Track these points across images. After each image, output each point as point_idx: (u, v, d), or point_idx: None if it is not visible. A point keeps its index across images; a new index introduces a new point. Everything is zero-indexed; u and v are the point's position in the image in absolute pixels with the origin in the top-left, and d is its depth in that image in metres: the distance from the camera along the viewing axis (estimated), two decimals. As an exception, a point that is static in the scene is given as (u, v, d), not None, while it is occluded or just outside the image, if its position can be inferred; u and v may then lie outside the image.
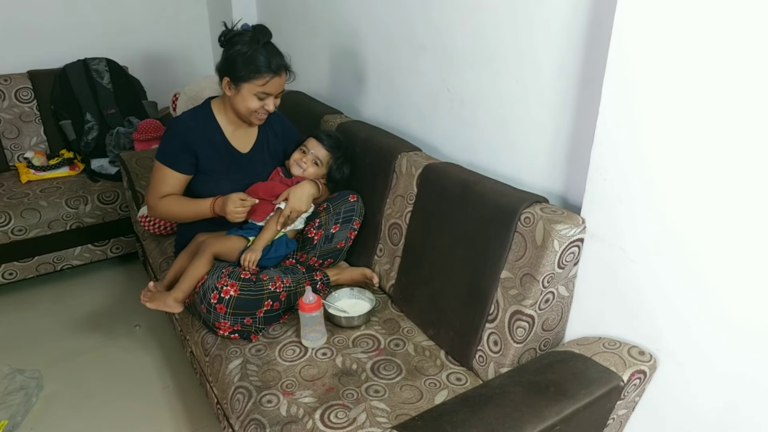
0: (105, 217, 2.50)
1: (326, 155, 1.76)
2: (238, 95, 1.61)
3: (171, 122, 1.71)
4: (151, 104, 2.95)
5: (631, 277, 1.17)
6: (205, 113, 1.71)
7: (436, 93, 1.77)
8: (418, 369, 1.40)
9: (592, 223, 1.23)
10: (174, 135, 1.66)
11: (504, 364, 1.31)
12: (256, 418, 1.27)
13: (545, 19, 1.35)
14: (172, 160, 1.65)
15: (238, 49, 1.56)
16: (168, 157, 1.65)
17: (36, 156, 2.65)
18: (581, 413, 1.04)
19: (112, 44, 2.95)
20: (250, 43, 1.56)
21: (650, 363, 1.13)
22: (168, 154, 1.66)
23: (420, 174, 1.60)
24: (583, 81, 1.30)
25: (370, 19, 2.01)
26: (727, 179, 0.96)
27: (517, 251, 1.30)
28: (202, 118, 1.70)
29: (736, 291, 1.00)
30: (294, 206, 1.64)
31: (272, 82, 1.59)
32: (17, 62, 2.77)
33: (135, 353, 2.12)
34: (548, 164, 1.45)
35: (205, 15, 3.22)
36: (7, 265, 2.35)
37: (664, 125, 1.03)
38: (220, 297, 1.46)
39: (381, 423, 1.22)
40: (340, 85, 2.33)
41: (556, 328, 1.33)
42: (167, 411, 1.86)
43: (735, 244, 0.98)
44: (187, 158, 1.65)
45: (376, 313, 1.63)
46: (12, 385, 1.89)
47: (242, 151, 1.74)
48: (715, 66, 0.93)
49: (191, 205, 1.68)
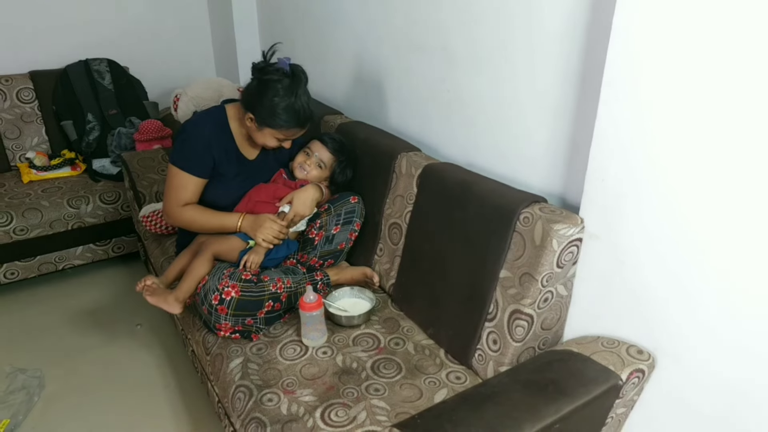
0: (106, 216, 2.51)
1: (330, 158, 1.77)
2: (259, 132, 1.61)
3: (186, 126, 1.66)
4: (153, 105, 2.96)
5: (630, 277, 1.17)
6: (221, 119, 1.68)
7: (436, 93, 1.77)
8: (417, 368, 1.40)
9: (590, 223, 1.23)
10: (192, 138, 1.62)
11: (503, 363, 1.32)
12: (257, 417, 1.28)
13: (544, 19, 1.35)
14: (191, 165, 1.61)
15: (273, 99, 1.52)
16: (187, 161, 1.61)
17: (37, 156, 2.65)
18: (580, 412, 1.04)
19: (114, 45, 2.96)
20: (286, 95, 1.53)
21: (649, 362, 1.14)
22: (187, 158, 1.61)
23: (420, 174, 1.61)
24: (582, 81, 1.30)
25: (369, 20, 2.02)
26: (727, 178, 0.97)
27: (516, 251, 1.31)
28: (218, 123, 1.67)
29: (734, 290, 1.00)
30: (298, 210, 1.65)
31: (295, 132, 1.61)
32: (19, 63, 2.78)
33: (136, 352, 2.13)
34: (547, 164, 1.45)
35: (206, 15, 3.23)
36: (8, 265, 2.36)
37: (663, 125, 1.03)
38: (221, 298, 1.47)
39: (381, 421, 1.23)
40: (340, 85, 2.33)
41: (554, 327, 1.34)
42: (168, 410, 1.87)
43: (734, 243, 0.98)
44: (206, 162, 1.62)
45: (376, 312, 1.63)
46: (14, 384, 1.90)
47: (249, 157, 1.74)
48: (715, 66, 0.94)
49: (216, 218, 1.65)
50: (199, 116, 1.71)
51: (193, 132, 1.63)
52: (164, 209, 1.68)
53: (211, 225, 1.66)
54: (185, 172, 1.61)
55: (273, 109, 1.54)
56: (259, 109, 1.55)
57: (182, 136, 1.64)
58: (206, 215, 1.65)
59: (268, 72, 1.54)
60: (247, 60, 2.97)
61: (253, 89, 1.56)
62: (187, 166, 1.61)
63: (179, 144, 1.64)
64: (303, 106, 1.56)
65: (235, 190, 1.69)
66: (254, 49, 2.96)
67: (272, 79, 1.53)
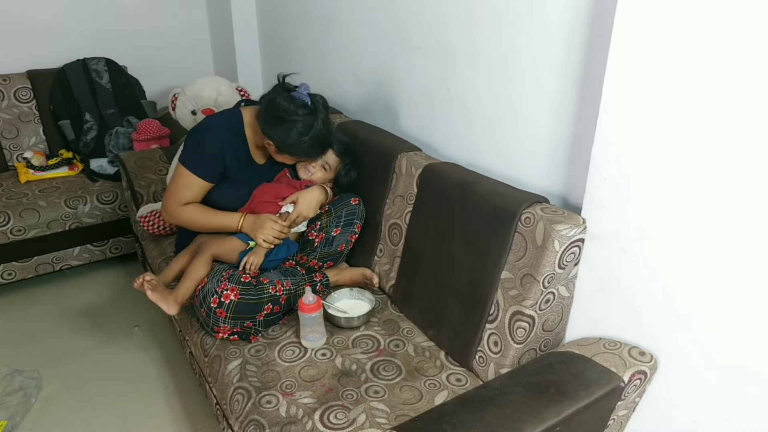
0: (104, 217, 2.50)
1: (335, 160, 1.75)
2: (278, 155, 1.63)
3: (201, 127, 1.63)
4: (151, 104, 2.94)
5: (632, 278, 1.17)
6: (236, 124, 1.66)
7: (436, 93, 1.76)
8: (417, 370, 1.40)
9: (592, 224, 1.23)
10: (207, 142, 1.60)
11: (504, 365, 1.31)
12: (256, 419, 1.27)
13: (545, 18, 1.35)
14: (201, 169, 1.59)
15: (293, 134, 1.53)
16: (198, 164, 1.59)
17: (35, 156, 2.64)
18: (581, 414, 1.03)
19: (112, 44, 2.95)
20: (306, 130, 1.53)
21: (651, 363, 1.13)
22: (198, 162, 1.59)
23: (420, 174, 1.60)
24: (584, 80, 1.29)
25: (370, 19, 2.01)
26: (728, 179, 0.96)
27: (517, 251, 1.30)
28: (233, 129, 1.65)
29: (737, 291, 0.99)
30: (302, 211, 1.64)
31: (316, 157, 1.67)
32: (16, 62, 2.77)
33: (134, 354, 2.12)
34: (548, 164, 1.45)
35: (204, 14, 3.22)
36: (6, 266, 2.35)
37: (665, 125, 1.03)
38: (220, 301, 1.46)
39: (381, 424, 1.22)
40: (339, 85, 2.32)
41: (556, 328, 1.33)
42: (166, 412, 1.86)
43: (736, 244, 0.98)
44: (217, 168, 1.61)
45: (376, 313, 1.62)
46: (11, 385, 1.89)
47: (259, 162, 1.73)
48: (716, 66, 0.93)
49: (217, 218, 1.63)
50: (215, 119, 1.68)
51: (207, 135, 1.61)
52: (163, 205, 1.66)
53: (211, 225, 1.64)
54: (193, 174, 1.60)
55: (293, 143, 1.55)
56: (279, 140, 1.56)
57: (195, 137, 1.62)
58: (207, 215, 1.64)
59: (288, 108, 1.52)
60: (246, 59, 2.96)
61: (271, 119, 1.54)
62: (196, 169, 1.60)
63: (191, 145, 1.62)
64: (323, 135, 1.58)
65: (243, 193, 1.69)
66: (253, 48, 2.95)
67: (291, 111, 1.52)
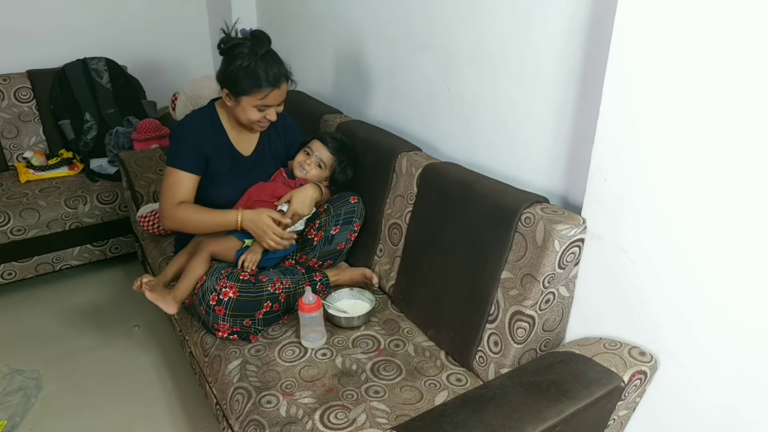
0: (104, 217, 2.50)
1: (330, 158, 1.75)
2: (239, 107, 1.60)
3: (178, 125, 1.67)
4: (150, 104, 2.94)
5: (632, 278, 1.16)
6: (211, 116, 1.69)
7: (436, 93, 1.76)
8: (418, 369, 1.39)
9: (592, 224, 1.22)
10: (183, 137, 1.64)
11: (504, 365, 1.31)
12: (256, 419, 1.27)
13: (546, 18, 1.34)
14: (183, 162, 1.61)
15: (238, 63, 1.53)
16: (179, 159, 1.61)
17: (35, 156, 2.64)
18: (582, 414, 1.03)
19: (111, 44, 2.94)
20: (249, 55, 1.53)
21: (651, 363, 1.13)
22: (179, 157, 1.61)
23: (420, 174, 1.60)
24: (584, 80, 1.29)
25: (370, 18, 2.01)
26: (728, 179, 0.96)
27: (517, 251, 1.30)
28: (208, 120, 1.68)
29: (736, 291, 0.99)
30: (296, 209, 1.63)
31: (271, 94, 1.58)
32: (16, 62, 2.76)
33: (134, 354, 2.12)
34: (549, 164, 1.44)
35: (204, 14, 3.22)
36: (6, 265, 2.35)
37: (665, 125, 1.02)
38: (219, 299, 1.46)
39: (381, 424, 1.22)
40: (340, 84, 2.32)
41: (556, 328, 1.33)
42: (166, 411, 1.86)
43: (735, 244, 0.98)
44: (197, 159, 1.62)
45: (376, 313, 1.62)
46: (11, 385, 1.89)
47: (245, 154, 1.73)
48: (717, 65, 0.93)
49: (214, 216, 1.62)
50: (188, 115, 1.72)
51: (182, 131, 1.66)
52: (160, 212, 1.66)
53: (208, 223, 1.63)
54: (178, 170, 1.61)
55: (241, 73, 1.54)
56: (230, 82, 1.57)
57: (173, 136, 1.68)
58: (202, 213, 1.63)
59: (231, 47, 1.55)
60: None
61: (222, 65, 1.58)
62: (178, 163, 1.62)
63: (171, 145, 1.66)
64: (269, 61, 1.57)
65: (233, 188, 1.68)
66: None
67: (234, 46, 1.55)
